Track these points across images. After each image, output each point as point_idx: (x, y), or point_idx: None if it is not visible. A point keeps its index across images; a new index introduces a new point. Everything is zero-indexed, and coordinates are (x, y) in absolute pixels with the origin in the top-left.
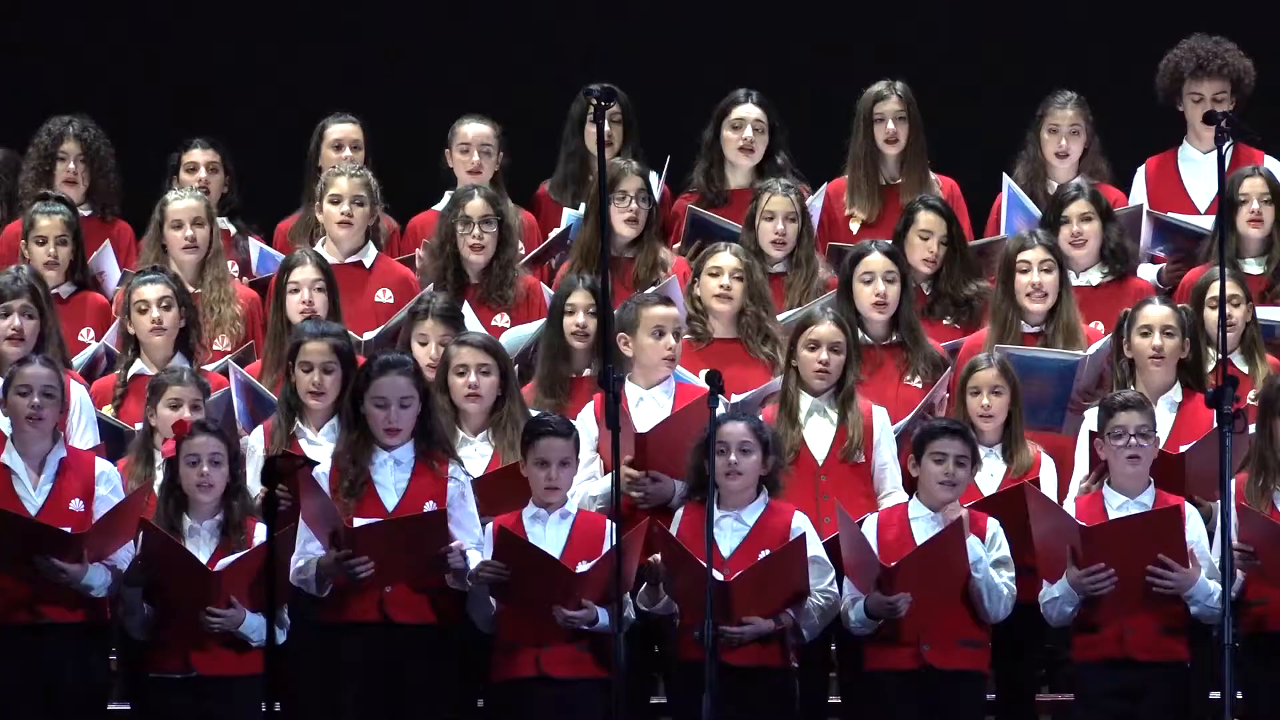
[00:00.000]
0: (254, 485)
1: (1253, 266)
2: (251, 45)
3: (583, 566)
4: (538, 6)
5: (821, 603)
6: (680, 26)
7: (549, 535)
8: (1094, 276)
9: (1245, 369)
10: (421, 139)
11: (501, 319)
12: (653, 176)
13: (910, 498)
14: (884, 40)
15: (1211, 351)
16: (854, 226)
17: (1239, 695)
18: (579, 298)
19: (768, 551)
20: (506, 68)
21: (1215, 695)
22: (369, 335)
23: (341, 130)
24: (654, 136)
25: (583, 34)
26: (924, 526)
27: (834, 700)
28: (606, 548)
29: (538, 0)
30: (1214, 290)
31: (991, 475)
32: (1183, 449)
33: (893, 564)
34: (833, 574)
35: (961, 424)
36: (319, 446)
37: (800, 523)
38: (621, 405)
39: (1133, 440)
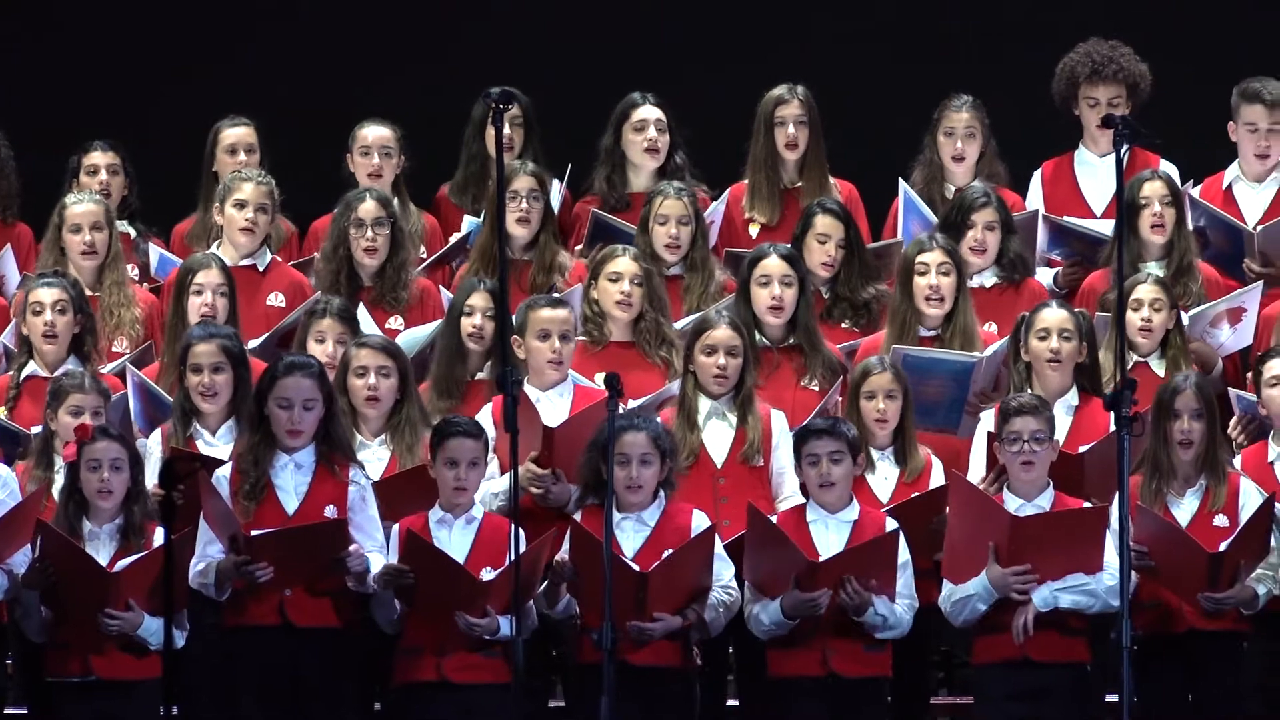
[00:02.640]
0: (152, 487)
1: (1154, 270)
2: (152, 46)
3: (488, 573)
4: (440, 8)
5: (725, 599)
6: (581, 30)
7: (454, 539)
8: (989, 279)
9: (1163, 370)
10: (322, 142)
11: (396, 321)
12: (555, 182)
13: (808, 500)
14: (786, 44)
15: (1135, 355)
16: (754, 230)
17: (1135, 696)
18: (477, 300)
19: (670, 551)
20: (411, 70)
21: (1113, 697)
22: (254, 343)
23: (236, 134)
24: (557, 140)
25: (486, 37)
26: (822, 529)
27: (732, 703)
28: (513, 553)
29: (441, 1)
30: (1136, 293)
31: (885, 479)
32: (1082, 449)
33: (820, 559)
34: (733, 570)
35: (828, 420)
36: (215, 448)
37: (701, 520)
38: (525, 403)
39: (1026, 445)
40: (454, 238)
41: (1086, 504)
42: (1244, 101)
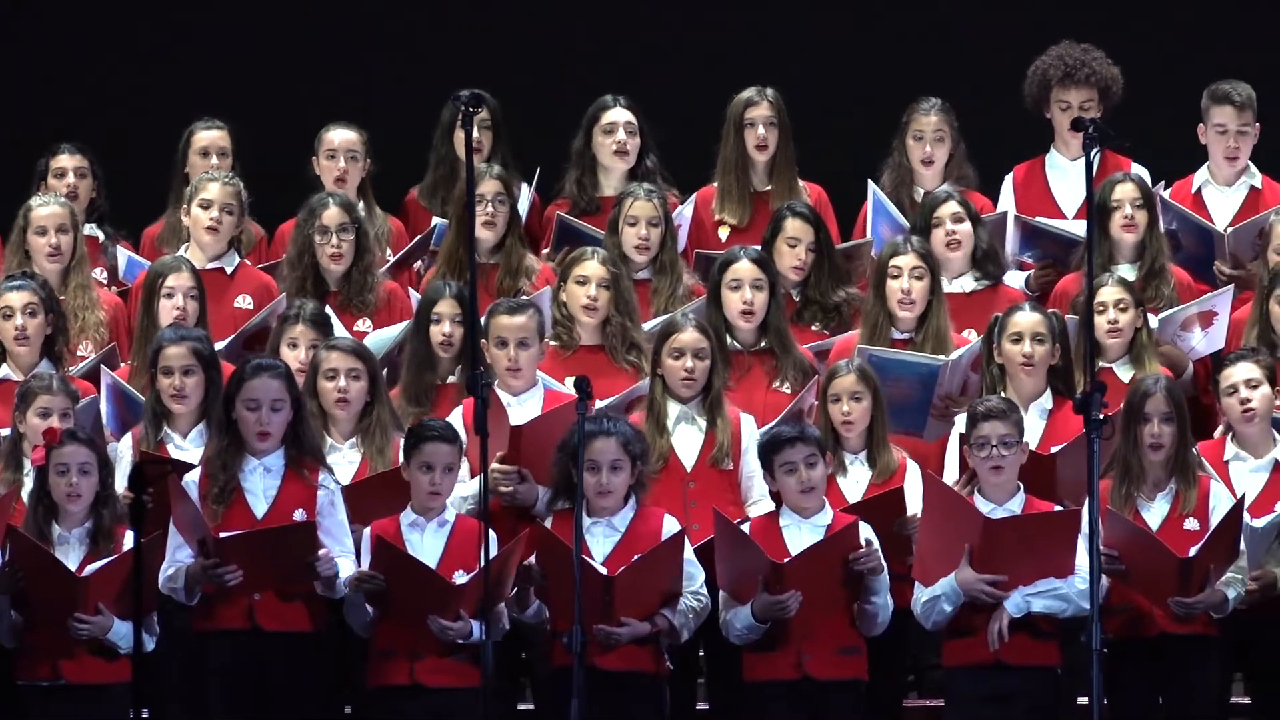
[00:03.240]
0: (121, 491)
1: (1126, 272)
2: (118, 48)
3: (460, 576)
4: (410, 13)
5: (695, 605)
6: (552, 33)
7: (426, 543)
8: (967, 284)
9: (1127, 376)
10: (290, 145)
11: (363, 324)
12: (524, 186)
13: (779, 506)
14: (755, 47)
15: (1103, 360)
16: (723, 233)
17: (1105, 700)
18: (445, 307)
19: (638, 556)
20: (379, 72)
21: (1083, 700)
22: (220, 345)
23: (209, 137)
24: (526, 144)
25: (455, 39)
26: (796, 533)
27: (702, 706)
28: (483, 556)
29: (410, 6)
30: (1100, 295)
31: (857, 482)
32: (1054, 450)
33: (784, 560)
34: (703, 577)
35: (797, 425)
36: (186, 452)
37: (671, 525)
38: (495, 405)
39: (995, 450)
40: (417, 237)
41: (1058, 507)
42: (1213, 103)
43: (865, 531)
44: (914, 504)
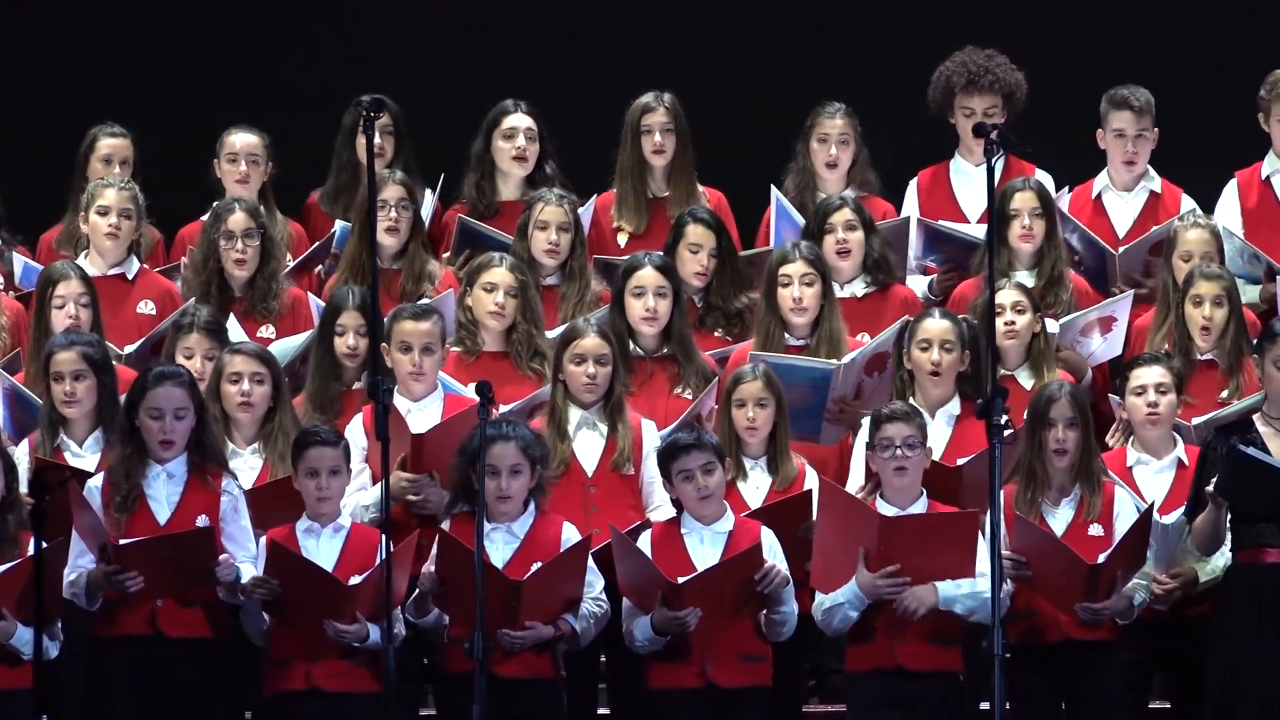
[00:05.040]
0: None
1: (1025, 279)
2: (16, 53)
3: (356, 580)
4: (312, 16)
5: (596, 610)
6: (453, 37)
7: (322, 548)
8: (858, 288)
9: (1029, 383)
10: (190, 147)
11: (267, 331)
12: (427, 191)
13: (681, 512)
14: (651, 52)
15: (1004, 368)
16: (622, 239)
17: (1008, 705)
18: (348, 319)
19: (539, 564)
20: (281, 76)
21: (986, 705)
22: (130, 349)
23: (111, 144)
24: (429, 149)
25: (357, 44)
26: (697, 541)
27: (603, 712)
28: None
29: (312, 10)
30: (998, 298)
31: (758, 488)
32: (960, 461)
33: (680, 581)
34: (603, 583)
35: (694, 432)
36: (83, 459)
37: (571, 533)
38: (394, 413)
39: (900, 451)
40: (318, 242)
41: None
42: (1112, 108)
43: (768, 538)
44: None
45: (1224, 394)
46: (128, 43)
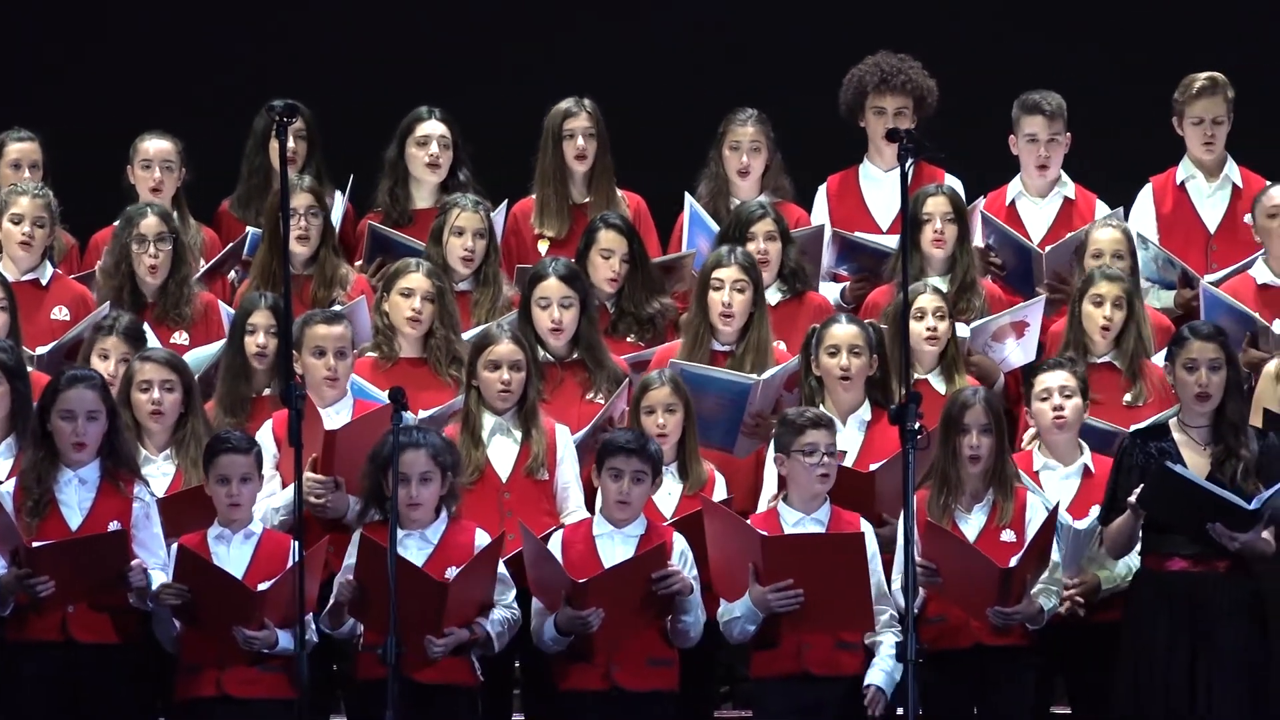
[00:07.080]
0: None
1: (938, 284)
2: None
3: (264, 586)
4: (224, 20)
5: (509, 615)
6: (367, 41)
7: (233, 555)
8: (773, 296)
9: (943, 388)
10: (103, 152)
11: (180, 337)
12: (337, 194)
13: (595, 514)
14: (572, 57)
15: (918, 372)
16: (543, 246)
17: (920, 711)
18: (260, 318)
19: (455, 570)
20: (194, 81)
21: (900, 711)
22: (42, 350)
23: (20, 148)
24: (341, 153)
25: (271, 48)
26: (609, 543)
27: (518, 717)
28: (296, 567)
29: (224, 14)
30: (919, 303)
31: (669, 494)
32: (873, 467)
33: (583, 580)
34: (514, 591)
35: (638, 438)
36: None
37: (483, 539)
38: (309, 415)
39: (826, 459)
40: (229, 245)
41: (864, 520)
42: (1024, 113)
43: (680, 544)
44: None
45: (1128, 398)
46: (41, 47)
